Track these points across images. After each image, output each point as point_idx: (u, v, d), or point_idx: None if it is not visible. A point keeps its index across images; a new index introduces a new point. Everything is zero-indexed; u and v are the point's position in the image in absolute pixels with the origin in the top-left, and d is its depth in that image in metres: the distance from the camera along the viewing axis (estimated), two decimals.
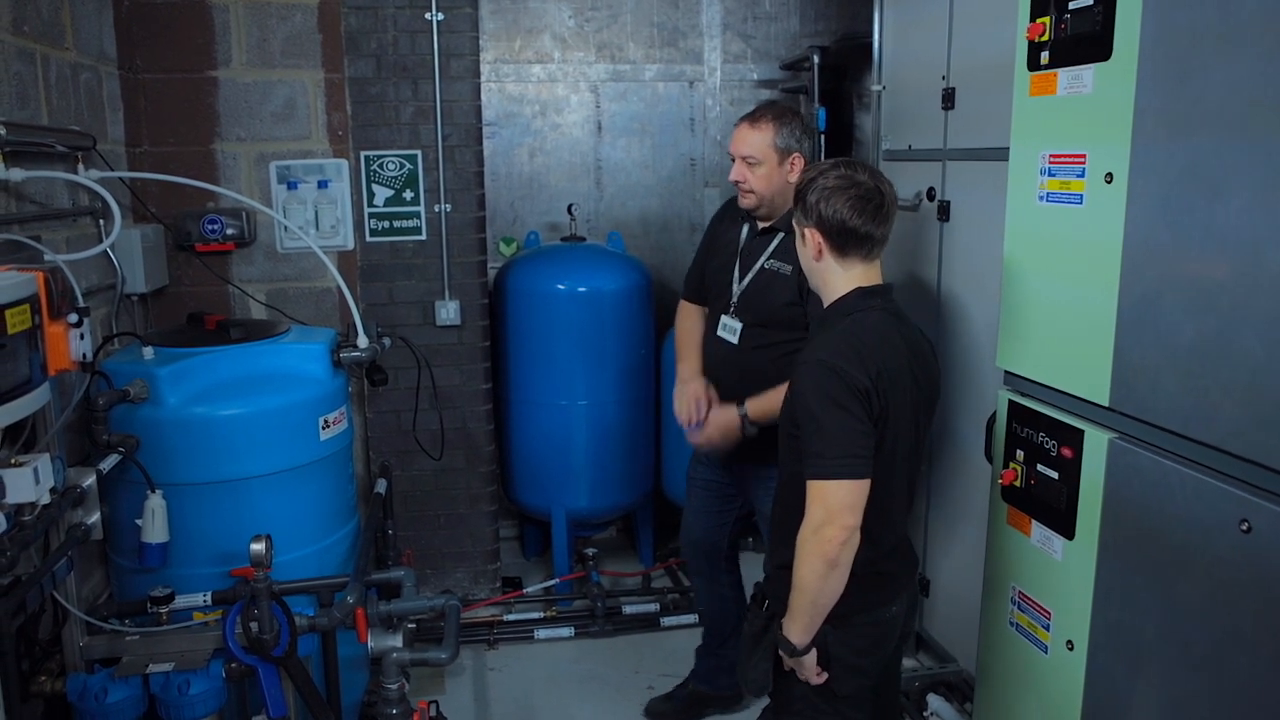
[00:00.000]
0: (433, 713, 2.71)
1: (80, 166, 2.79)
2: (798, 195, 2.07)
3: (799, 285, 2.69)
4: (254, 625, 2.22)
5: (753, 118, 2.80)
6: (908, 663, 3.51)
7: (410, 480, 3.95)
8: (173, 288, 3.55)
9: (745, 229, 2.91)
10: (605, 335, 4.04)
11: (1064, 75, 2.11)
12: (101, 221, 2.95)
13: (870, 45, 3.70)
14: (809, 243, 2.06)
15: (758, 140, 2.76)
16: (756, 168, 2.76)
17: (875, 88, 3.68)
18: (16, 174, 2.39)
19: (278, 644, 2.23)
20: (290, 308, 3.69)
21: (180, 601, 2.41)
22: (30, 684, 2.23)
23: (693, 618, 3.83)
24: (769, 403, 2.68)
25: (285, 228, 3.59)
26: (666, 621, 3.91)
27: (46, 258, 2.05)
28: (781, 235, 2.79)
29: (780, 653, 2.07)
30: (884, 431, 1.96)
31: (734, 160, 2.83)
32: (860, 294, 2.05)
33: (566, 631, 3.87)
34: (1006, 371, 2.43)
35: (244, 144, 3.57)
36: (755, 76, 4.64)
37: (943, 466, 3.35)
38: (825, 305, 2.11)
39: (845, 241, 2.03)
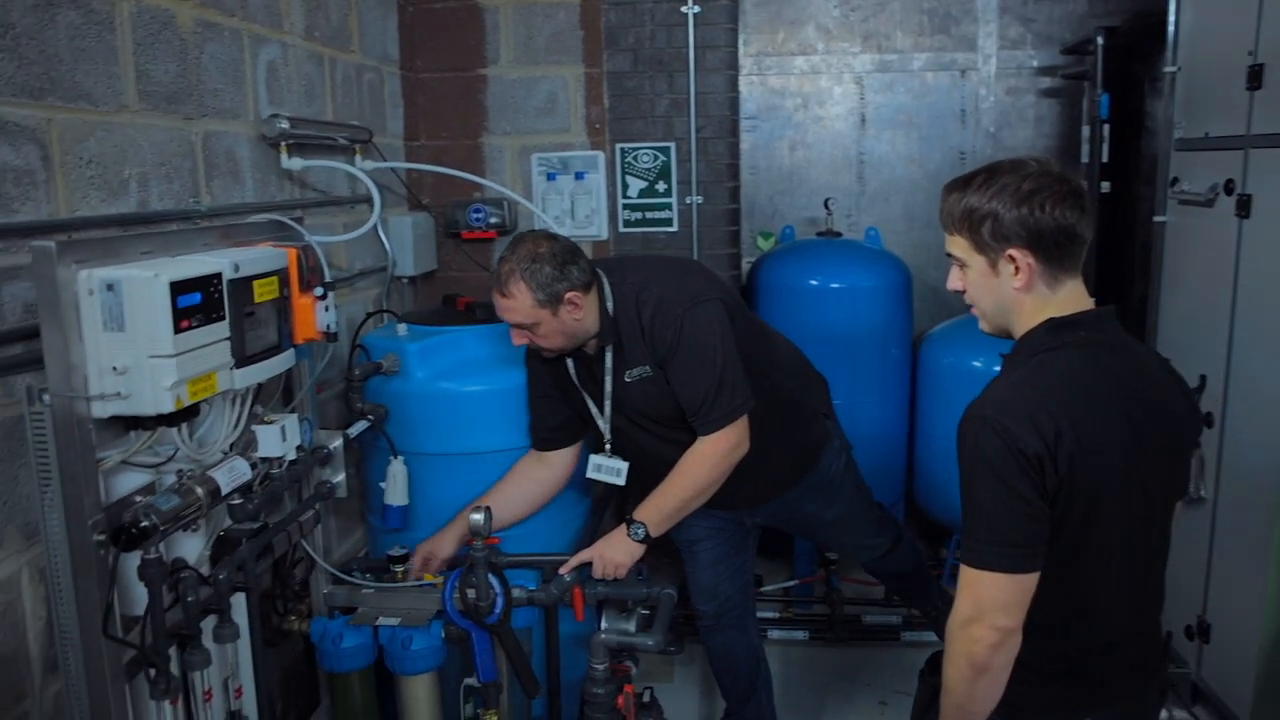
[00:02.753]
0: (646, 699, 2.72)
1: (357, 158, 3.05)
2: (971, 224, 1.63)
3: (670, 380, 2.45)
4: (471, 592, 2.33)
5: (500, 286, 2.39)
6: (1181, 715, 3.13)
7: None
8: (440, 272, 3.80)
9: (570, 361, 2.58)
10: (858, 333, 3.90)
11: None
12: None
13: (1164, 23, 3.33)
14: (1018, 272, 1.61)
15: (518, 307, 2.37)
16: (536, 328, 2.40)
17: (1168, 69, 3.31)
18: (296, 163, 2.66)
19: (491, 612, 2.32)
20: None
21: None
22: (284, 621, 2.48)
23: (933, 636, 3.62)
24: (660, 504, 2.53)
25: (542, 218, 3.74)
26: (908, 636, 3.73)
27: (307, 238, 2.26)
28: (610, 346, 2.48)
29: None
30: (1069, 508, 1.56)
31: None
32: (1050, 327, 1.62)
33: (801, 635, 3.79)
34: None
35: (509, 137, 3.76)
36: (1035, 64, 4.31)
37: (1229, 498, 2.95)
38: (1016, 342, 1.69)
39: (1065, 253, 1.60)
